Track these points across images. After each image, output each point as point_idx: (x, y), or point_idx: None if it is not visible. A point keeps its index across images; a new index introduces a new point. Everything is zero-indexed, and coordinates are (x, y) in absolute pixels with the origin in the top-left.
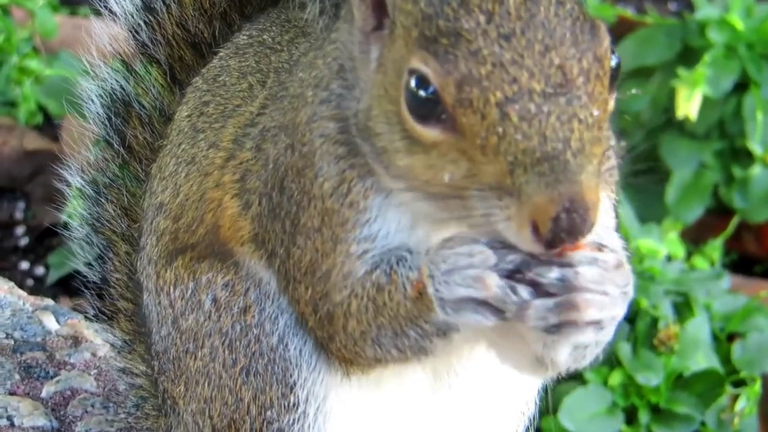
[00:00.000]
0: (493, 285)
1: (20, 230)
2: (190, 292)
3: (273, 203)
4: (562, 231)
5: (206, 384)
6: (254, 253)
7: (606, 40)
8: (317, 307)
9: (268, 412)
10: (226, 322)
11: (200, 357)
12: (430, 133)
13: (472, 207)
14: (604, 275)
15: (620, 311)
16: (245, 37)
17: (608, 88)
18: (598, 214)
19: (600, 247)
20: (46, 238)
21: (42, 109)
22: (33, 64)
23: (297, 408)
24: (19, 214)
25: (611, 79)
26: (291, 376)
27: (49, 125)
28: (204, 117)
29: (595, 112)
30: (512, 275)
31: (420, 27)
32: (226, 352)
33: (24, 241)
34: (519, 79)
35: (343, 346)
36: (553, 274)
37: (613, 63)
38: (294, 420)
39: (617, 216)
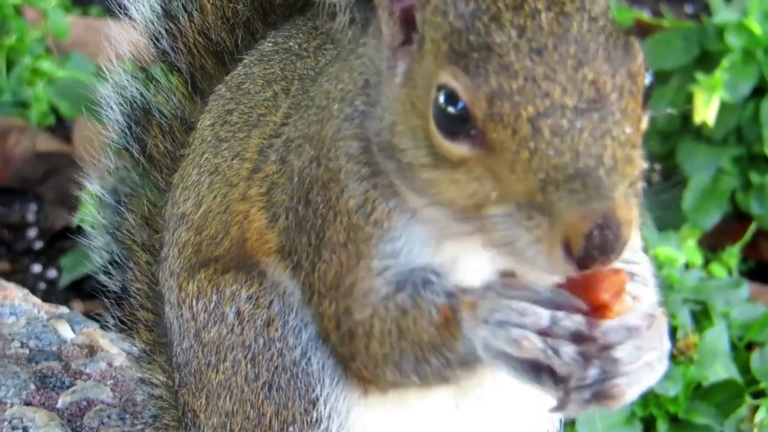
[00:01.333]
0: (537, 350)
1: (32, 233)
2: (213, 304)
3: (299, 216)
4: (594, 248)
5: (228, 398)
6: (279, 264)
7: (640, 57)
8: (340, 323)
9: (290, 428)
10: (249, 336)
11: (222, 370)
12: (458, 149)
13: (498, 225)
14: (641, 347)
15: (659, 373)
16: (270, 44)
17: (641, 106)
18: (631, 231)
19: (633, 295)
20: (59, 241)
21: (54, 110)
22: (45, 64)
23: (320, 424)
24: (31, 216)
25: (644, 97)
26: (313, 391)
27: (61, 126)
28: (227, 126)
29: (628, 130)
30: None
31: (449, 41)
32: (249, 365)
33: (36, 244)
34: (551, 93)
35: (364, 366)
36: (592, 371)
37: (647, 81)
38: None
39: (643, 237)
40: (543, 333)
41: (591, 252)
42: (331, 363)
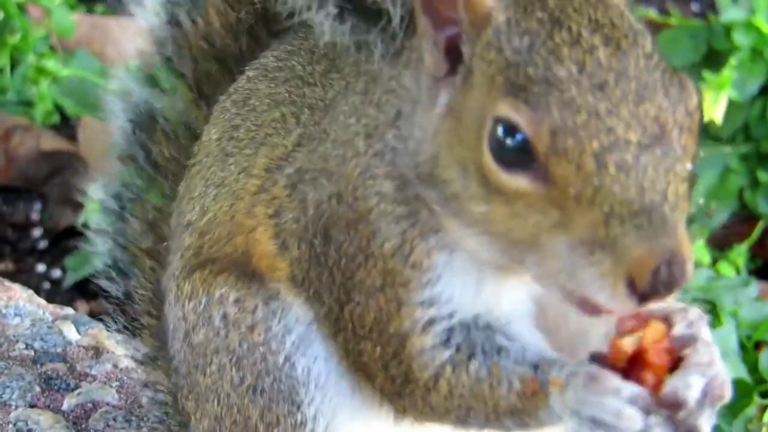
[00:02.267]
0: (639, 421)
1: (37, 232)
2: (202, 306)
3: (317, 251)
4: (661, 284)
5: (215, 401)
6: (291, 290)
7: (695, 95)
8: (388, 367)
9: (275, 430)
10: (233, 339)
11: (209, 374)
12: (517, 182)
13: (553, 259)
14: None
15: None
16: (273, 59)
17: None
18: (692, 267)
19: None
20: (63, 240)
21: (59, 108)
22: (50, 63)
23: (305, 426)
24: (35, 216)
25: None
26: (298, 394)
27: (66, 125)
28: (234, 141)
29: (688, 166)
30: None
31: (505, 74)
32: (234, 369)
33: (41, 244)
34: (615, 129)
35: (416, 410)
36: None
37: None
38: None
39: None
40: None
41: (657, 287)
42: (318, 367)
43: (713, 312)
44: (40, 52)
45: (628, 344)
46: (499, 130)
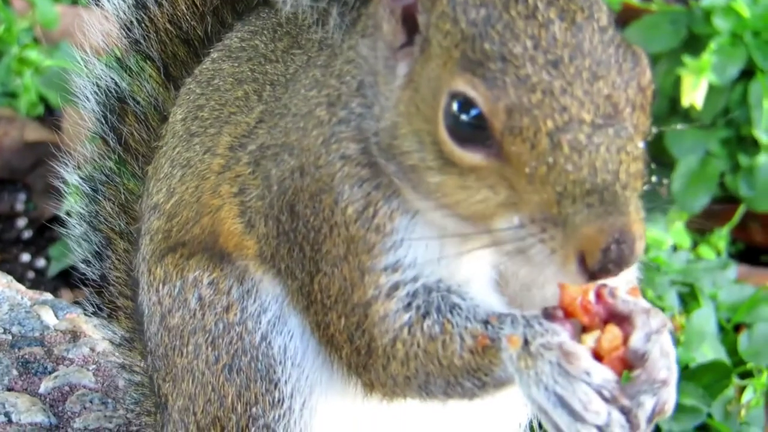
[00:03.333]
0: (604, 415)
1: (21, 222)
2: (177, 290)
3: (284, 227)
4: (610, 262)
5: (190, 381)
6: (260, 267)
7: (648, 69)
8: (353, 338)
9: (254, 409)
10: (209, 320)
11: (185, 354)
12: (471, 156)
13: (506, 233)
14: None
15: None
16: (237, 40)
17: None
18: (643, 245)
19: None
20: (47, 230)
21: (43, 99)
22: (33, 54)
23: (282, 403)
24: (20, 206)
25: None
26: (275, 372)
27: (50, 116)
28: (198, 121)
29: (640, 144)
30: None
31: (462, 48)
32: (209, 349)
33: (25, 234)
34: (569, 108)
35: (380, 383)
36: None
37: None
38: (280, 416)
39: None
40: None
41: (606, 266)
42: (294, 345)
43: (692, 294)
44: (24, 43)
45: (587, 343)
46: (455, 105)
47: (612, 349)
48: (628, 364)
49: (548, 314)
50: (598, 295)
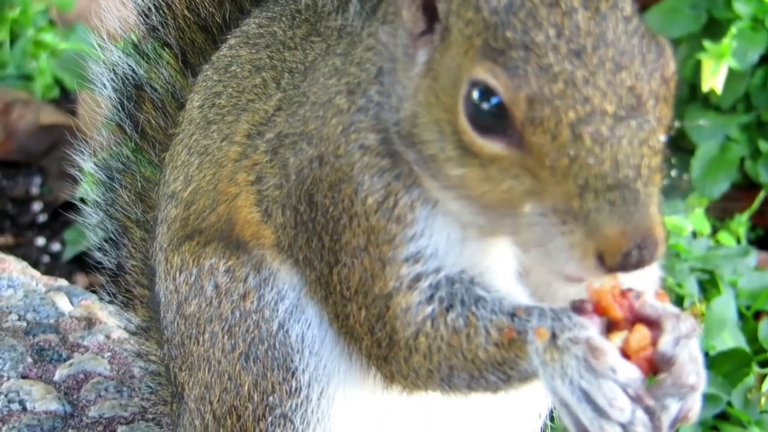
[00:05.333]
0: (628, 413)
1: (37, 206)
2: (193, 277)
3: (302, 217)
4: (630, 265)
5: (207, 370)
6: (277, 257)
7: (672, 60)
8: (374, 330)
9: (270, 398)
10: (226, 308)
11: (202, 343)
12: (492, 146)
13: (527, 225)
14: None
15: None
16: (255, 26)
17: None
18: (664, 247)
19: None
20: (62, 214)
21: (58, 82)
22: (48, 37)
23: (300, 392)
24: (35, 190)
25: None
26: (292, 361)
27: (65, 99)
28: (216, 108)
29: (662, 138)
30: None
31: (483, 36)
32: (226, 337)
33: (40, 217)
34: (591, 99)
35: (402, 375)
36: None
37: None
38: (297, 405)
39: None
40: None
41: (626, 267)
42: (311, 334)
43: (712, 282)
44: (40, 26)
45: (614, 342)
46: (475, 94)
47: (639, 349)
48: (655, 367)
49: (577, 308)
50: (625, 298)
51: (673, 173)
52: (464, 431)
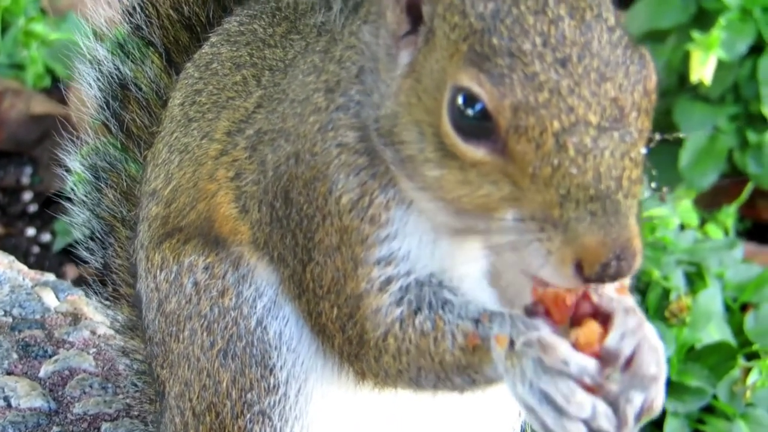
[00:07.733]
0: (588, 408)
1: (27, 196)
2: (173, 275)
3: (278, 214)
4: (608, 276)
5: (186, 367)
6: (254, 253)
7: (654, 73)
8: (345, 328)
9: (248, 395)
10: (204, 305)
11: (181, 340)
12: (474, 151)
13: (502, 229)
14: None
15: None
16: (236, 24)
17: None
18: (641, 260)
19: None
20: (53, 204)
21: (50, 71)
22: (38, 26)
23: (277, 390)
24: (25, 179)
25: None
26: (270, 358)
27: (56, 88)
28: (196, 106)
29: (642, 150)
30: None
31: (469, 41)
32: (204, 334)
33: (31, 207)
34: (576, 109)
35: (372, 373)
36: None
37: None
38: (275, 402)
39: None
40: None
41: (603, 278)
42: (289, 331)
43: (699, 274)
44: (31, 15)
45: (571, 338)
46: (460, 99)
47: (587, 344)
48: (604, 363)
49: (529, 311)
50: (586, 293)
51: (653, 185)
52: (442, 429)
